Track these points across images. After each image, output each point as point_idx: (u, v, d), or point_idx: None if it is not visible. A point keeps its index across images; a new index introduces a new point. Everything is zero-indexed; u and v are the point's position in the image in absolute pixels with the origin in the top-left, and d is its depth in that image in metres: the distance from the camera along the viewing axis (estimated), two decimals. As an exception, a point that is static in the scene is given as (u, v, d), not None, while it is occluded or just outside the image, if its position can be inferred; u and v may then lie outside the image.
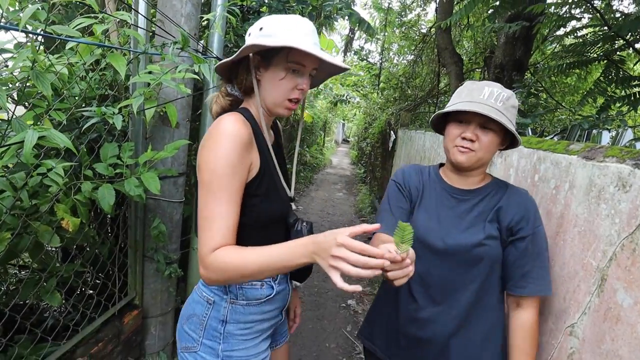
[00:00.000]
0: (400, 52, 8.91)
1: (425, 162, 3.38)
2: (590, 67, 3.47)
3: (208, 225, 0.92)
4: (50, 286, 1.45)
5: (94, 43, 1.36)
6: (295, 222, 1.18)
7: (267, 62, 1.04)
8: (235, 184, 0.94)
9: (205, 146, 0.96)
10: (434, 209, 1.22)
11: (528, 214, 1.12)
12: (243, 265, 0.87)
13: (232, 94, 1.14)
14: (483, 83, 1.14)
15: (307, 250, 0.82)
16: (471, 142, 1.11)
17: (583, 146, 1.17)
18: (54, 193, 1.31)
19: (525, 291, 1.11)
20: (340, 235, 0.76)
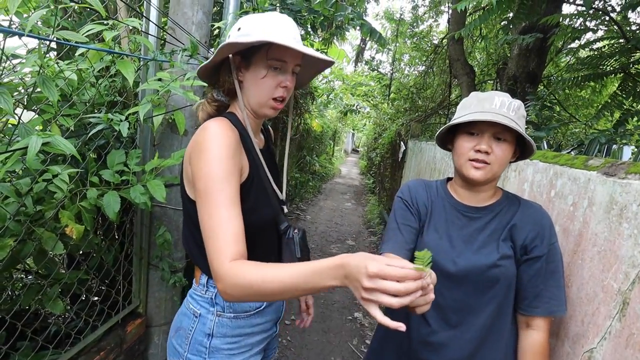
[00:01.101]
0: (411, 62, 8.90)
1: (436, 174, 3.33)
2: (605, 80, 3.41)
3: (215, 234, 0.86)
4: (53, 293, 1.44)
5: (103, 49, 1.36)
6: (287, 229, 1.12)
7: (247, 62, 1.01)
8: (232, 188, 0.91)
9: (193, 155, 0.93)
10: (444, 228, 1.16)
11: (543, 231, 1.06)
12: (263, 284, 0.79)
13: (218, 99, 1.10)
14: (491, 93, 1.09)
15: (337, 274, 0.73)
16: (486, 155, 1.05)
17: (603, 162, 1.12)
18: (59, 199, 1.29)
19: (538, 311, 1.06)
20: (372, 263, 0.67)
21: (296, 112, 6.92)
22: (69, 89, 1.40)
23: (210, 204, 0.88)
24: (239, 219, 0.90)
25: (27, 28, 1.01)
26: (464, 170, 1.09)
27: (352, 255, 0.72)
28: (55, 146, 1.11)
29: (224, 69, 1.04)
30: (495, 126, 1.04)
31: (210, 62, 1.01)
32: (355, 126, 21.83)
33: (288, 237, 1.12)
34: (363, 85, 11.38)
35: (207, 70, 1.06)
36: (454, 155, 1.14)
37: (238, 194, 0.92)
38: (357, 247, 5.68)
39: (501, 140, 1.05)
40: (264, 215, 1.06)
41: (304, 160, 9.37)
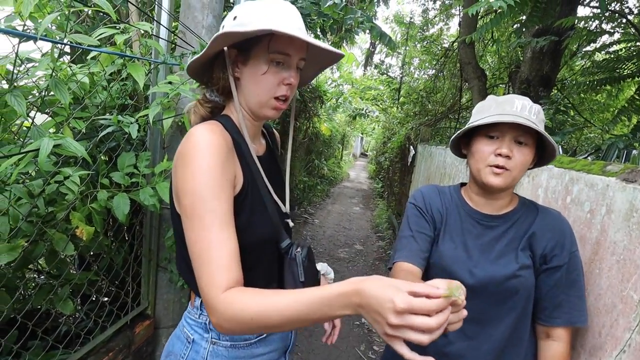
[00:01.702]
0: (421, 66, 8.86)
1: (446, 179, 3.29)
2: (622, 84, 3.34)
3: (205, 260, 0.74)
4: (63, 293, 1.45)
5: (115, 52, 1.37)
6: (290, 248, 0.98)
7: (245, 56, 0.88)
8: (223, 204, 0.78)
9: (178, 166, 0.81)
10: (460, 236, 1.11)
11: (563, 239, 1.03)
12: (263, 317, 0.69)
13: (212, 100, 0.98)
14: (511, 96, 1.05)
15: (349, 302, 0.64)
16: (507, 160, 1.00)
17: (622, 167, 1.09)
18: (70, 201, 1.30)
19: (558, 322, 1.02)
20: (399, 296, 0.57)
21: (305, 116, 6.92)
22: (81, 92, 1.41)
23: (199, 225, 0.76)
24: (233, 241, 0.78)
25: (39, 31, 1.02)
26: (482, 176, 1.04)
27: (368, 281, 0.62)
28: (66, 148, 1.12)
29: (217, 64, 0.91)
30: (517, 129, 0.99)
31: (202, 57, 0.88)
32: (364, 130, 21.80)
33: (290, 257, 0.97)
34: (372, 89, 11.36)
35: (199, 66, 0.93)
36: (471, 160, 1.09)
37: (231, 211, 0.81)
38: (365, 252, 5.64)
39: (522, 144, 1.01)
40: (261, 232, 0.92)
41: (313, 164, 9.37)
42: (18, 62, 1.21)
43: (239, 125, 0.93)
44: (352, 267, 4.92)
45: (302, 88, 6.08)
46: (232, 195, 0.82)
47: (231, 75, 0.90)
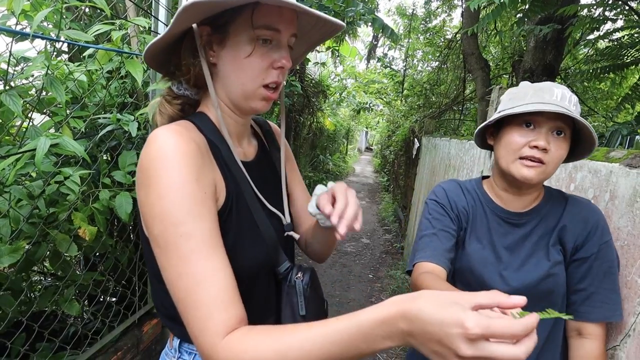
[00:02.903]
0: (424, 58, 8.81)
1: (450, 171, 3.28)
2: (626, 72, 3.31)
3: (192, 303, 0.58)
4: (69, 294, 1.45)
5: (111, 49, 1.36)
6: (289, 272, 0.80)
7: (221, 34, 0.70)
8: (205, 224, 0.62)
9: (140, 185, 0.64)
10: (487, 237, 1.03)
11: (596, 229, 0.96)
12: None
13: (181, 94, 0.78)
14: (549, 84, 0.95)
15: (396, 330, 0.49)
16: (543, 153, 0.90)
17: (626, 153, 1.09)
18: (71, 201, 1.30)
19: (591, 317, 0.95)
20: (471, 317, 0.43)
21: (308, 111, 6.93)
22: (79, 90, 1.41)
23: (176, 258, 0.60)
24: (225, 268, 0.62)
25: (32, 27, 1.01)
26: (512, 169, 0.94)
27: (420, 300, 0.48)
28: (64, 147, 1.10)
29: (185, 47, 0.72)
30: (556, 120, 0.91)
31: (164, 38, 0.68)
32: (368, 124, 21.74)
33: (289, 284, 0.79)
34: (376, 83, 11.32)
35: (160, 52, 0.73)
36: (500, 151, 0.98)
37: (217, 230, 0.65)
38: (372, 245, 5.65)
39: (561, 135, 0.92)
40: (252, 256, 0.74)
41: (318, 159, 9.37)
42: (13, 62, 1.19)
43: (218, 124, 0.76)
44: (359, 261, 4.94)
45: (305, 82, 6.09)
46: (215, 211, 0.66)
47: (204, 60, 0.71)
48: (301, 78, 5.68)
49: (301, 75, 5.71)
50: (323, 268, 4.53)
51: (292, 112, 5.90)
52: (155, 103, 0.80)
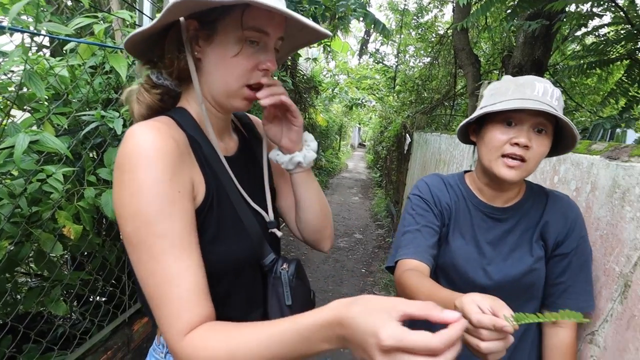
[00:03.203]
0: (416, 54, 8.83)
1: (441, 165, 3.32)
2: (611, 68, 3.36)
3: (161, 300, 0.61)
4: (55, 295, 1.42)
5: (93, 43, 1.33)
6: (274, 264, 0.81)
7: (209, 30, 0.70)
8: (177, 225, 0.62)
9: (115, 182, 0.64)
10: (470, 232, 1.04)
11: (574, 225, 0.98)
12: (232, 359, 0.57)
13: (160, 84, 0.77)
14: (530, 78, 0.94)
15: (333, 334, 0.51)
16: (525, 150, 0.90)
17: (606, 146, 1.12)
18: (55, 200, 1.27)
19: (565, 308, 1.00)
20: (387, 328, 0.45)
21: (300, 107, 6.92)
22: (61, 86, 1.37)
23: (148, 256, 0.61)
24: (195, 269, 0.63)
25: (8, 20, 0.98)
26: (493, 168, 0.94)
27: (354, 306, 0.50)
28: (45, 144, 1.07)
29: (170, 39, 0.71)
30: (538, 116, 0.90)
31: (149, 29, 0.68)
32: (361, 120, 21.76)
33: (274, 275, 0.81)
34: (368, 78, 11.32)
35: (142, 42, 0.72)
36: (482, 148, 0.98)
37: (190, 230, 0.65)
38: (364, 240, 5.69)
39: (542, 132, 0.91)
40: (236, 250, 0.75)
41: (310, 155, 9.35)
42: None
43: (199, 120, 0.76)
44: (352, 256, 4.97)
45: (296, 78, 6.08)
46: (191, 210, 0.66)
47: (190, 55, 0.71)
48: (292, 74, 5.67)
49: (292, 71, 5.71)
50: (316, 264, 4.55)
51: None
52: (132, 91, 0.78)
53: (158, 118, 0.71)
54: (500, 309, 0.60)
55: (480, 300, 0.62)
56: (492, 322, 0.57)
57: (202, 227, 0.69)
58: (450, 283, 1.03)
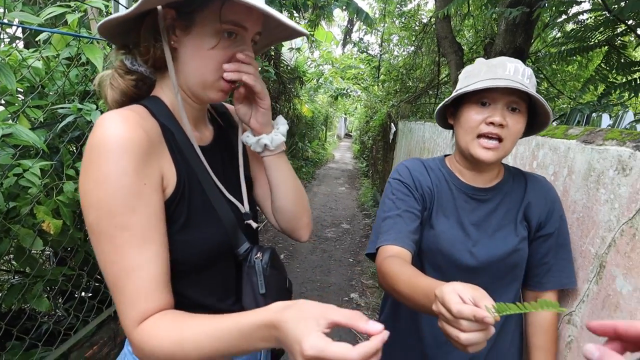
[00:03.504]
0: (400, 42, 8.82)
1: (425, 153, 3.34)
2: (591, 54, 3.41)
3: (119, 289, 0.62)
4: (37, 290, 1.41)
5: (67, 33, 1.30)
6: (248, 253, 0.81)
7: (187, 22, 0.69)
8: (141, 218, 0.63)
9: (82, 170, 0.64)
10: (454, 214, 1.03)
11: (554, 205, 1.01)
12: (182, 353, 0.59)
13: (134, 70, 0.76)
14: (502, 59, 0.94)
15: (268, 335, 0.54)
16: (500, 129, 0.91)
17: (582, 130, 1.14)
18: (33, 194, 1.25)
19: (550, 285, 1.02)
20: (310, 338, 0.47)
21: (285, 98, 6.87)
22: (35, 78, 1.34)
23: (109, 247, 0.62)
24: (156, 261, 0.64)
25: None
26: (470, 149, 0.95)
27: (288, 311, 0.53)
28: (18, 137, 1.05)
29: (146, 27, 0.70)
30: (511, 95, 0.91)
31: (125, 15, 0.66)
32: (347, 110, 21.75)
33: (249, 265, 0.81)
34: (352, 68, 11.29)
35: (117, 27, 0.70)
36: (459, 130, 0.99)
37: (155, 222, 0.65)
38: (352, 230, 5.72)
39: (516, 111, 0.92)
40: (208, 239, 0.75)
41: (296, 147, 9.35)
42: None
43: (174, 109, 0.75)
44: (339, 246, 5.00)
45: (280, 69, 6.02)
46: (158, 202, 0.66)
47: (167, 44, 0.70)
48: (276, 64, 5.62)
49: (276, 62, 5.65)
50: (304, 254, 4.57)
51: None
52: (105, 76, 0.76)
53: (130, 107, 0.70)
54: (481, 299, 0.58)
55: (461, 289, 0.60)
56: (473, 312, 0.56)
57: (173, 217, 0.70)
58: (435, 268, 1.04)
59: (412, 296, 0.76)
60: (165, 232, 0.67)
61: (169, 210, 0.69)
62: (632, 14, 2.35)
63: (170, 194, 0.70)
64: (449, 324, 0.60)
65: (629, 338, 0.42)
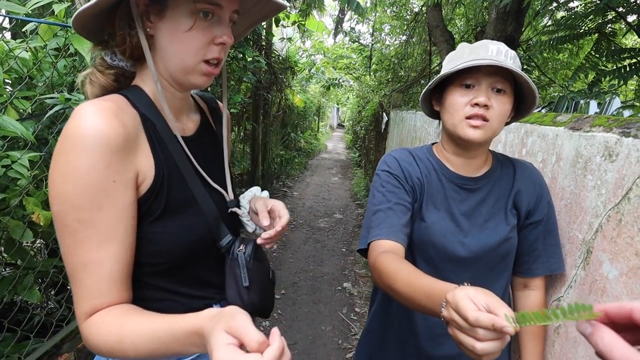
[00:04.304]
0: (392, 32, 8.78)
1: (417, 142, 3.35)
2: (582, 42, 3.43)
3: (76, 281, 0.63)
4: (27, 282, 1.41)
5: (53, 23, 1.29)
6: (231, 246, 0.80)
7: (160, 5, 0.67)
8: (108, 215, 0.62)
9: (52, 158, 0.62)
10: (444, 205, 1.01)
11: (542, 192, 1.02)
12: (121, 351, 0.60)
13: (114, 65, 0.73)
14: (484, 41, 0.94)
15: (198, 342, 0.54)
16: (485, 109, 0.89)
17: (570, 117, 1.14)
18: (23, 186, 1.25)
19: (539, 271, 1.03)
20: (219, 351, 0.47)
21: (277, 88, 6.82)
22: (23, 69, 1.33)
23: (71, 240, 0.61)
24: (117, 259, 0.63)
25: None
26: (458, 131, 0.93)
27: (211, 320, 0.52)
28: (5, 128, 1.05)
29: (120, 16, 0.68)
30: (494, 75, 0.90)
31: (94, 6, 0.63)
32: (339, 100, 21.67)
33: (231, 257, 0.80)
34: (344, 58, 11.22)
35: (91, 20, 0.67)
36: (445, 115, 0.98)
37: (123, 217, 0.64)
38: (344, 220, 5.74)
39: (501, 91, 0.91)
40: (189, 232, 0.73)
41: (289, 137, 9.32)
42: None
43: (155, 98, 0.73)
44: (332, 236, 5.02)
45: (271, 59, 5.97)
46: (127, 200, 0.65)
47: (142, 31, 0.68)
48: (267, 54, 5.56)
49: (267, 52, 5.60)
50: (297, 244, 4.58)
51: (260, 89, 5.80)
52: (86, 73, 0.75)
53: (109, 97, 0.69)
54: (497, 307, 0.54)
55: (474, 295, 0.57)
56: (492, 321, 0.52)
57: (150, 210, 0.69)
58: (427, 260, 1.02)
59: (412, 296, 0.74)
60: (132, 230, 0.66)
61: (146, 204, 0.68)
62: (622, 1, 2.36)
63: (148, 188, 0.68)
64: (464, 332, 0.57)
65: (619, 319, 0.42)
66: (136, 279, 0.69)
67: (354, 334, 2.90)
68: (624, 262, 0.85)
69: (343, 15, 10.51)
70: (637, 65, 2.43)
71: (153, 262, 0.71)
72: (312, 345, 2.74)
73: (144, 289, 0.72)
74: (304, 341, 2.78)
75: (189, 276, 0.77)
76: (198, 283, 0.80)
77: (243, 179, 6.14)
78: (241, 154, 6.28)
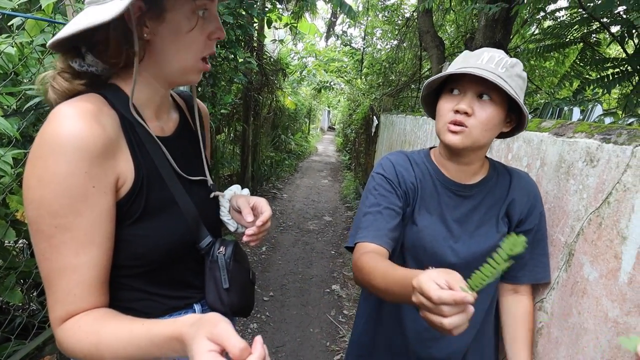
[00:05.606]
0: (383, 36, 8.85)
1: (406, 146, 3.38)
2: (568, 51, 3.51)
3: (51, 285, 0.61)
4: (9, 283, 1.38)
5: (41, 18, 1.27)
6: (211, 247, 0.80)
7: (157, 10, 0.65)
8: (85, 220, 0.60)
9: (28, 160, 0.60)
10: (437, 210, 1.02)
11: (535, 202, 1.03)
12: (96, 351, 0.59)
13: (82, 70, 0.68)
14: (482, 49, 0.95)
15: (178, 347, 0.54)
16: (465, 117, 0.90)
17: (554, 123, 1.17)
18: (6, 184, 1.23)
19: (525, 279, 1.05)
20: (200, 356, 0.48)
21: (268, 90, 6.82)
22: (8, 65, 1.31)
23: (46, 245, 0.60)
24: (93, 265, 0.62)
25: None
26: (441, 136, 0.95)
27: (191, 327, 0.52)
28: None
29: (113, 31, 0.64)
30: (480, 84, 0.89)
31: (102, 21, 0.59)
32: (330, 103, 21.72)
33: (211, 259, 0.79)
34: (336, 61, 11.27)
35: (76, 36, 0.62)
36: (436, 120, 1.00)
37: (101, 223, 0.63)
38: (334, 222, 5.75)
39: (486, 99, 0.90)
40: (168, 232, 0.73)
41: (279, 139, 9.31)
42: None
43: (133, 98, 0.69)
44: (321, 238, 5.02)
45: (262, 60, 5.97)
46: (105, 205, 0.63)
47: (136, 40, 0.65)
48: (258, 56, 5.56)
49: (258, 53, 5.59)
50: (286, 247, 4.58)
51: (251, 90, 5.79)
52: (46, 76, 0.68)
53: (88, 97, 0.66)
54: (455, 282, 0.60)
55: (436, 276, 0.62)
56: (452, 296, 0.58)
57: (129, 213, 0.67)
58: (418, 264, 1.03)
59: (388, 288, 0.78)
60: (110, 235, 0.65)
61: (125, 206, 0.67)
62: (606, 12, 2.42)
63: (127, 191, 0.67)
64: (431, 312, 0.61)
65: None
66: (115, 281, 0.68)
67: (341, 336, 2.90)
68: (604, 264, 0.87)
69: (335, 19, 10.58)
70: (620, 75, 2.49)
71: (132, 265, 0.70)
72: (300, 348, 2.74)
73: (122, 290, 0.71)
74: (292, 343, 2.77)
75: (168, 278, 0.76)
76: (178, 284, 0.79)
77: (232, 180, 6.10)
78: (231, 155, 6.25)
